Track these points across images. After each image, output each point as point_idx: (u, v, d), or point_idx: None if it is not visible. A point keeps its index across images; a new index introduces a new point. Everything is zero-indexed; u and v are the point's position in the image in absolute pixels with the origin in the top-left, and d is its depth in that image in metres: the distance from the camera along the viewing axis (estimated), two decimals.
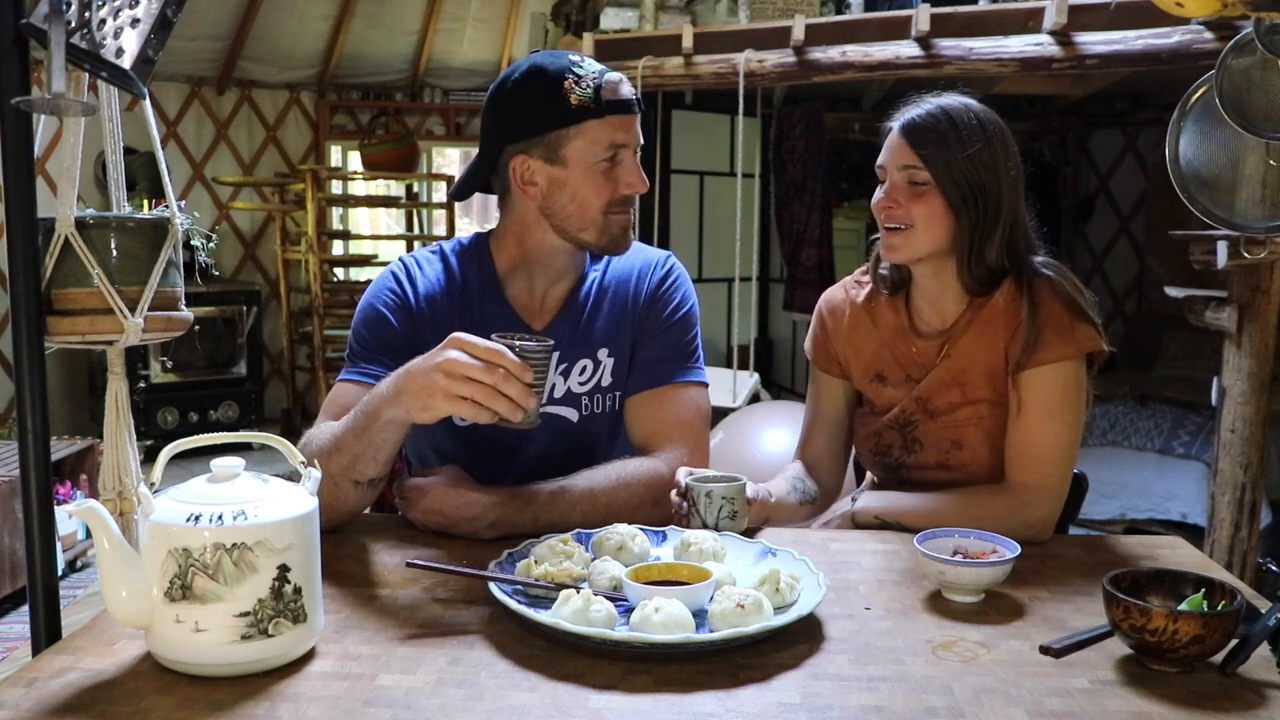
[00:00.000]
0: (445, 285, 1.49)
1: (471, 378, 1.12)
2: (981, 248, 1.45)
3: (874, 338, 1.58)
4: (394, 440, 1.23)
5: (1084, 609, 1.13)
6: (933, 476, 1.52)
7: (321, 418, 1.38)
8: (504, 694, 0.90)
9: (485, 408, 1.13)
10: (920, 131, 1.45)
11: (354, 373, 1.42)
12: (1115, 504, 4.17)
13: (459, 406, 1.14)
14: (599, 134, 1.38)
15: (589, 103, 1.36)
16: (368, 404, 1.23)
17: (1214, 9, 2.18)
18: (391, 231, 7.80)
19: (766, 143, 5.45)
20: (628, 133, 1.40)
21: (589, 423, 1.49)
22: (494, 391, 1.12)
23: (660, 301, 1.51)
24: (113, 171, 1.67)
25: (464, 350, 1.14)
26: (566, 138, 1.38)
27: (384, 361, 1.40)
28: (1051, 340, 1.42)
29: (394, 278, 1.49)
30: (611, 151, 1.39)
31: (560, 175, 1.40)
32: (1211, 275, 2.86)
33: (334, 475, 1.24)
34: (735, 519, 1.33)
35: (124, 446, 1.62)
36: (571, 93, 1.36)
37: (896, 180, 1.47)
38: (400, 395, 1.17)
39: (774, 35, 3.85)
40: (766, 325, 6.13)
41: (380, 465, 1.26)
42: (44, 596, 1.43)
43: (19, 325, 1.43)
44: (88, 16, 1.38)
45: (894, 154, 1.48)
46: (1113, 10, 3.42)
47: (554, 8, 4.65)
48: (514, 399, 1.13)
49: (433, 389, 1.14)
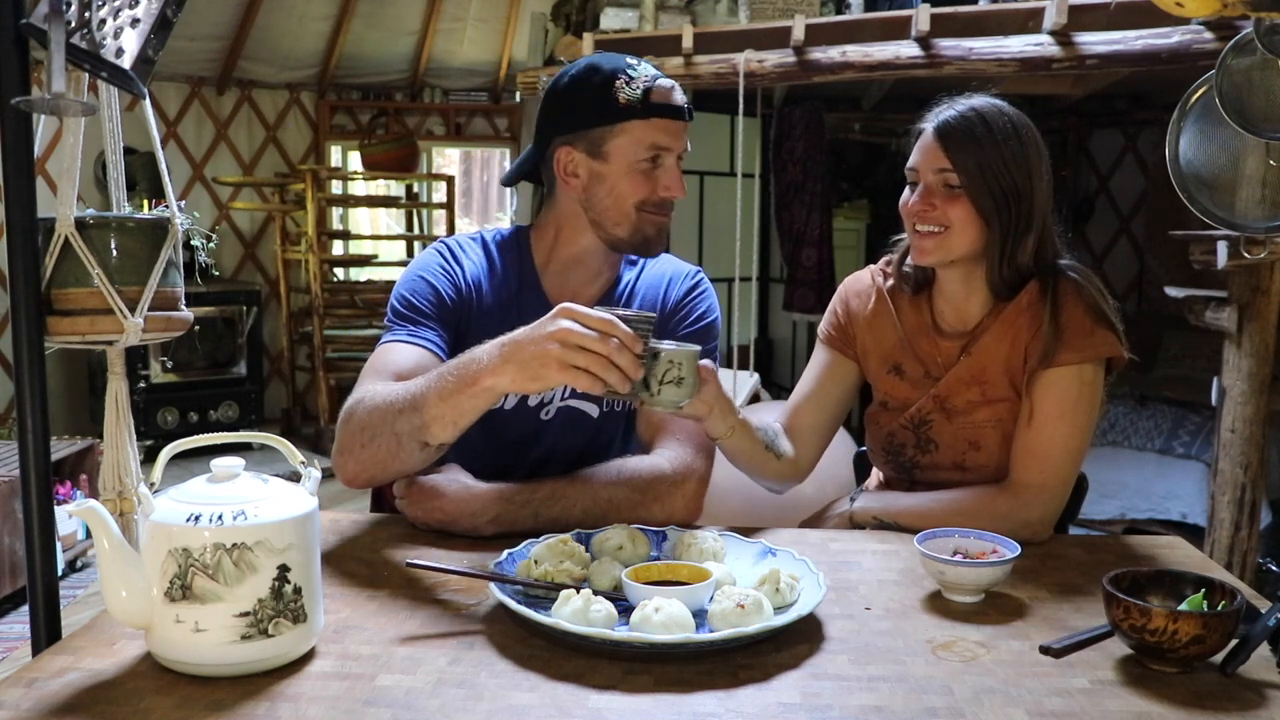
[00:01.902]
0: (488, 271, 1.51)
1: (586, 348, 1.12)
2: (1014, 251, 1.45)
3: (896, 330, 1.57)
4: (483, 408, 1.22)
5: (1084, 609, 1.13)
6: (947, 477, 1.52)
7: (370, 378, 1.35)
8: (504, 694, 0.90)
9: (598, 378, 1.13)
10: (955, 134, 1.44)
11: (404, 334, 1.41)
12: (1115, 504, 4.17)
13: (573, 376, 1.14)
14: (642, 134, 1.40)
15: (636, 103, 1.39)
16: (462, 369, 1.21)
17: (1214, 9, 2.18)
18: (391, 231, 7.80)
19: (766, 143, 5.44)
20: (671, 137, 1.42)
21: (607, 419, 1.51)
22: (607, 362, 1.13)
23: (684, 309, 1.54)
24: (113, 171, 1.67)
25: (577, 320, 1.14)
26: (611, 134, 1.41)
27: (435, 329, 1.42)
28: (1071, 343, 1.42)
29: (441, 255, 1.50)
30: (653, 153, 1.41)
31: (601, 170, 1.43)
32: (1211, 275, 2.85)
33: (401, 433, 1.24)
34: (680, 386, 1.21)
35: (124, 446, 1.62)
36: (621, 91, 1.39)
37: (931, 183, 1.46)
38: (506, 364, 1.16)
39: (774, 35, 3.85)
40: (766, 325, 6.13)
41: (457, 431, 1.24)
42: (44, 596, 1.43)
43: (19, 325, 1.43)
44: (88, 16, 1.38)
45: (927, 156, 1.46)
46: (1113, 10, 3.42)
47: (554, 8, 4.65)
48: (625, 369, 1.13)
49: (546, 358, 1.13)
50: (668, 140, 1.42)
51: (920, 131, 1.49)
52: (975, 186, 1.42)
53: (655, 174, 1.43)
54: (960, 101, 1.48)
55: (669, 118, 1.41)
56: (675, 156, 1.44)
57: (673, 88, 1.43)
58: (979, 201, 1.43)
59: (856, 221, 6.00)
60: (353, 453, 1.28)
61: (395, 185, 6.95)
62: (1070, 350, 1.42)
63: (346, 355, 5.70)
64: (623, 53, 1.48)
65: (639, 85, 1.40)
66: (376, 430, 1.26)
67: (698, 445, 1.44)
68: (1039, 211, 1.45)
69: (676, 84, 1.45)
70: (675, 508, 1.38)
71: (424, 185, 6.74)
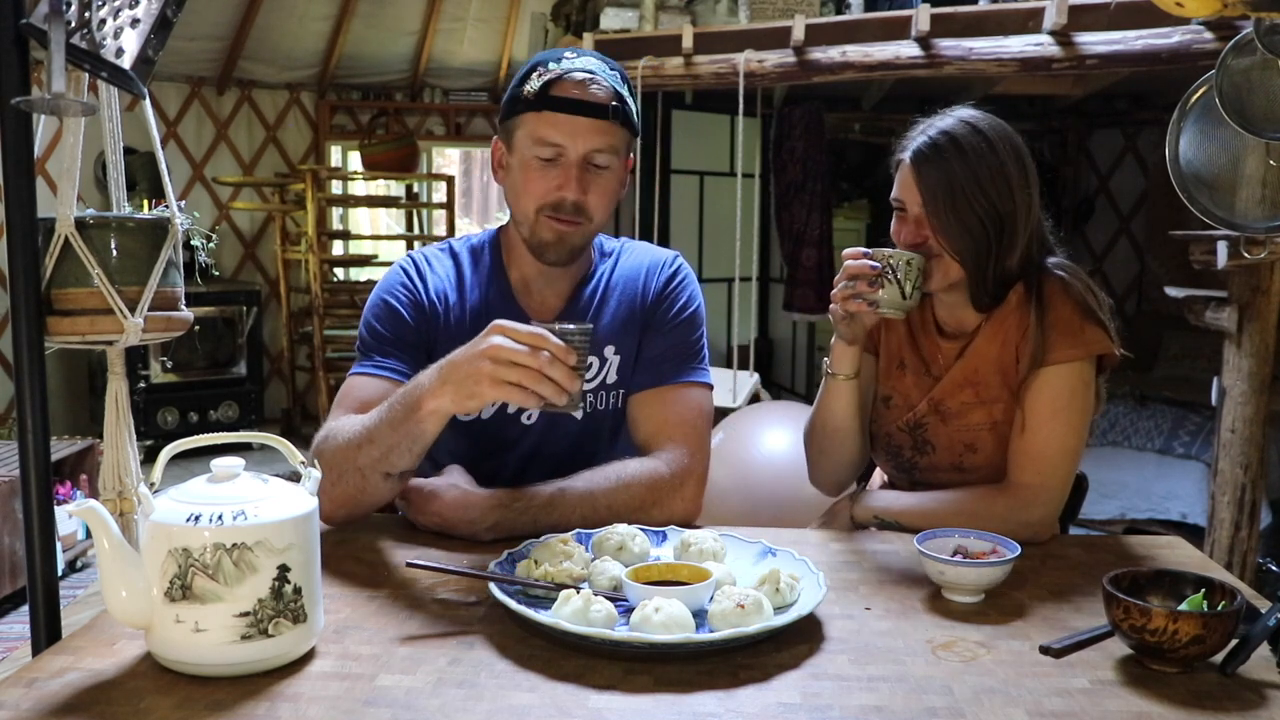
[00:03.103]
0: (455, 283, 1.49)
1: (517, 362, 1.12)
2: (998, 270, 1.44)
3: (902, 325, 1.57)
4: (433, 432, 1.22)
5: (1084, 609, 1.13)
6: (946, 478, 1.52)
7: (336, 412, 1.37)
8: (504, 694, 0.90)
9: (531, 392, 1.13)
10: (928, 164, 1.42)
11: (369, 366, 1.42)
12: (1115, 504, 4.17)
13: (506, 392, 1.14)
14: (533, 127, 1.36)
15: (532, 95, 1.36)
16: (407, 395, 1.21)
17: (1214, 9, 2.19)
18: (391, 231, 7.80)
19: (766, 143, 5.45)
20: (565, 134, 1.35)
21: (592, 421, 1.49)
22: (540, 375, 1.12)
23: (666, 300, 1.51)
24: (113, 171, 1.67)
25: (507, 336, 1.14)
26: (514, 125, 1.39)
27: (399, 356, 1.41)
28: (1060, 341, 1.41)
29: (404, 273, 1.49)
30: (547, 150, 1.36)
31: (511, 163, 1.42)
32: (1211, 275, 2.86)
33: (363, 468, 1.25)
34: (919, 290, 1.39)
35: (124, 446, 1.62)
36: (526, 83, 1.37)
37: (920, 214, 1.44)
38: (444, 385, 1.17)
39: (774, 35, 3.85)
40: (766, 325, 6.13)
41: (415, 457, 1.25)
42: (44, 596, 1.43)
43: (19, 325, 1.43)
44: (88, 16, 1.38)
45: (909, 189, 1.45)
46: (1113, 10, 3.42)
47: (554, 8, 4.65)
48: (559, 382, 1.13)
49: (479, 376, 1.14)
50: (559, 136, 1.35)
51: (899, 162, 1.47)
52: (951, 222, 1.41)
53: (552, 173, 1.37)
54: (934, 125, 1.45)
55: (566, 112, 1.34)
56: (579, 154, 1.36)
57: (584, 82, 1.35)
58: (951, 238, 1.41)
59: (856, 221, 6.00)
60: (325, 491, 1.25)
61: (395, 185, 6.95)
62: (1059, 349, 1.41)
63: (346, 355, 5.70)
64: (623, 53, 1.47)
65: (546, 77, 1.35)
66: (342, 469, 1.26)
67: (694, 445, 1.43)
68: (1024, 225, 1.43)
69: (600, 81, 1.37)
70: (675, 510, 1.38)
71: (424, 185, 6.75)
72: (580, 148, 1.36)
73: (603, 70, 1.39)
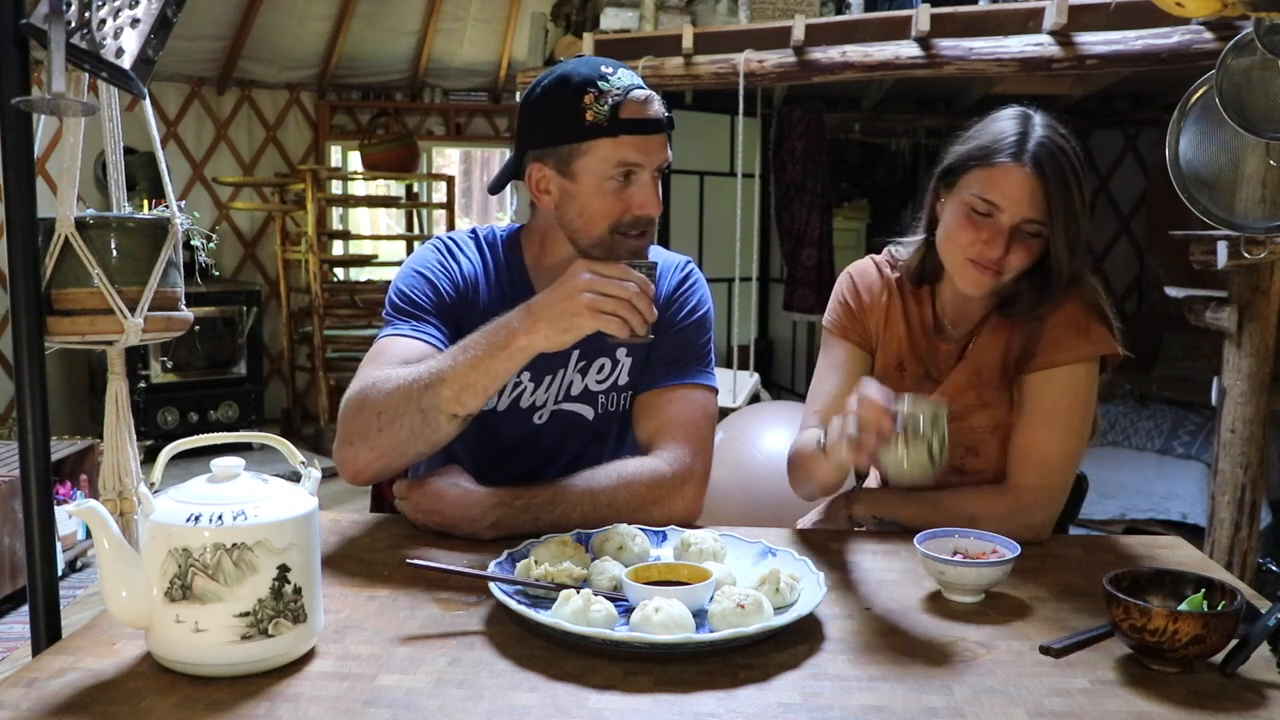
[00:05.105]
0: (483, 270, 1.50)
1: (611, 294, 1.22)
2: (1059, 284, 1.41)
3: (903, 325, 1.55)
4: (513, 371, 1.28)
5: (1084, 609, 1.13)
6: (945, 479, 1.51)
7: (370, 368, 1.35)
8: (504, 694, 0.90)
9: (623, 320, 1.22)
10: (1051, 181, 1.33)
11: (409, 328, 1.41)
12: (1115, 504, 4.17)
13: (604, 321, 1.22)
14: (609, 153, 1.34)
15: (603, 120, 1.33)
16: (491, 335, 1.26)
17: (1214, 9, 2.19)
18: (391, 231, 7.80)
19: (766, 143, 5.45)
20: (643, 153, 1.35)
21: (602, 421, 1.50)
22: (630, 305, 1.22)
23: (676, 303, 1.52)
24: (113, 171, 1.67)
25: (595, 272, 1.23)
26: (578, 153, 1.35)
27: (435, 324, 1.42)
28: (1065, 340, 1.40)
29: (440, 252, 1.50)
30: (623, 170, 1.35)
31: (570, 188, 1.38)
32: (1211, 275, 2.85)
33: (427, 409, 1.26)
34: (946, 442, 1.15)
35: (124, 446, 1.62)
36: (589, 109, 1.33)
37: (1012, 225, 1.36)
38: (538, 322, 1.24)
39: (774, 35, 3.85)
40: (766, 325, 6.13)
41: (488, 397, 1.30)
42: (44, 596, 1.43)
43: (19, 325, 1.43)
44: (88, 16, 1.39)
45: (1019, 201, 1.35)
46: (1113, 10, 3.42)
47: (554, 8, 4.65)
48: (644, 312, 1.23)
49: (577, 308, 1.22)
50: (638, 157, 1.35)
51: (1002, 162, 1.36)
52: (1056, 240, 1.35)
53: (628, 191, 1.36)
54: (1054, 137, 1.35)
55: (640, 133, 1.34)
56: (652, 171, 1.37)
57: (646, 99, 1.36)
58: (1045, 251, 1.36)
59: (856, 221, 6.00)
60: (366, 439, 1.28)
61: (395, 185, 6.95)
62: (1064, 349, 1.40)
63: (346, 355, 5.70)
64: (623, 53, 1.47)
65: (608, 100, 1.33)
66: (398, 410, 1.27)
67: (697, 445, 1.43)
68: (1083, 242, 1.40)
69: (653, 94, 1.38)
70: (675, 510, 1.38)
71: (424, 185, 6.75)
72: (653, 163, 1.38)
73: (637, 81, 1.39)
